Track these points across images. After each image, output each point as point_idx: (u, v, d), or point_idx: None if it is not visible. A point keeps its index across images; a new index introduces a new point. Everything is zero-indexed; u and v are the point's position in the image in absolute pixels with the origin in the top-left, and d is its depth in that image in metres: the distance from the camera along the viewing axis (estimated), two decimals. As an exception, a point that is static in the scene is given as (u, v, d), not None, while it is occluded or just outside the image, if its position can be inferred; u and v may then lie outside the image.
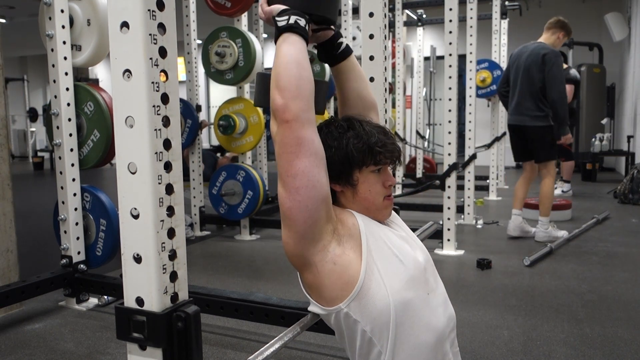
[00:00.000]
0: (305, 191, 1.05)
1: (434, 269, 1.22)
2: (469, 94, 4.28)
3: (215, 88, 13.13)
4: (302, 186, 1.05)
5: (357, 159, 1.14)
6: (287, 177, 1.05)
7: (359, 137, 1.15)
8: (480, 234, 4.17)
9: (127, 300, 0.95)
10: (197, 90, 4.13)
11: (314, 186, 1.05)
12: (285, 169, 1.05)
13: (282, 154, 1.05)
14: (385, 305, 1.08)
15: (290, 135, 1.04)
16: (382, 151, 1.15)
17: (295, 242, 1.09)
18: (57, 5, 2.32)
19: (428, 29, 8.79)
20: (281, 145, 1.05)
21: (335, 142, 1.15)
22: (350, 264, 1.09)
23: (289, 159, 1.05)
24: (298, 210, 1.06)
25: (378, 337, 1.09)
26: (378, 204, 1.19)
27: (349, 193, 1.18)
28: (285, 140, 1.04)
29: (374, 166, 1.16)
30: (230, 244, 3.97)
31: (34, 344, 2.13)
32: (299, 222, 1.07)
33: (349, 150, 1.14)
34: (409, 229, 1.29)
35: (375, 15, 1.68)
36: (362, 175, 1.16)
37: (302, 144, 1.04)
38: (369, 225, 1.15)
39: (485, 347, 2.05)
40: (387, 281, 1.09)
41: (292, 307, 1.93)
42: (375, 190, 1.17)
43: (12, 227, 2.49)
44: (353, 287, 1.09)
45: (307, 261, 1.11)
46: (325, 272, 1.10)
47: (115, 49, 0.90)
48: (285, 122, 1.04)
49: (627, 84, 8.04)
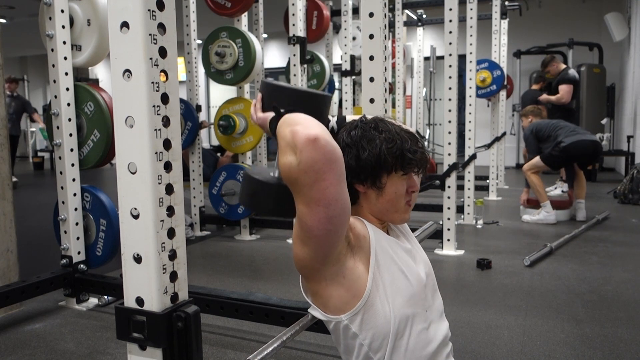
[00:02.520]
0: (339, 219, 1.00)
1: (434, 282, 1.22)
2: (469, 94, 4.28)
3: (215, 88, 13.12)
4: (336, 215, 0.98)
5: (389, 163, 1.11)
6: (317, 206, 0.97)
7: (393, 141, 1.12)
8: (480, 234, 4.17)
9: (127, 300, 0.95)
10: (197, 90, 4.13)
11: (346, 212, 1.01)
12: (316, 198, 0.96)
13: (313, 183, 0.95)
14: (386, 321, 1.08)
15: (318, 155, 0.93)
16: (414, 158, 1.13)
17: (314, 260, 1.06)
18: (57, 5, 2.32)
19: (428, 29, 8.78)
20: (308, 172, 0.94)
21: (369, 144, 1.12)
22: (359, 278, 1.08)
23: (322, 186, 0.95)
24: (327, 237, 1.01)
25: (375, 351, 1.09)
26: (399, 208, 1.17)
27: (373, 195, 1.16)
28: (314, 164, 0.93)
29: (402, 171, 1.14)
30: (230, 244, 3.97)
31: (34, 344, 2.13)
32: (327, 246, 1.03)
33: (381, 154, 1.11)
34: (413, 237, 1.28)
35: (375, 15, 1.68)
36: (390, 179, 1.13)
37: (333, 161, 0.94)
38: (379, 238, 1.14)
39: (485, 347, 2.05)
40: (390, 297, 1.08)
41: (292, 307, 1.94)
42: (400, 194, 1.15)
43: (12, 227, 2.49)
44: (358, 301, 1.08)
45: (318, 274, 1.09)
46: (334, 285, 1.09)
47: (115, 49, 0.90)
48: (311, 141, 0.92)
49: (627, 84, 8.04)
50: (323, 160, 0.93)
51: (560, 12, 9.50)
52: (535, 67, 8.99)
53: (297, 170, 0.95)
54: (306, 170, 0.94)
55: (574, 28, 9.12)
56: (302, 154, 0.94)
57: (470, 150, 4.46)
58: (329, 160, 0.94)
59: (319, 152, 0.93)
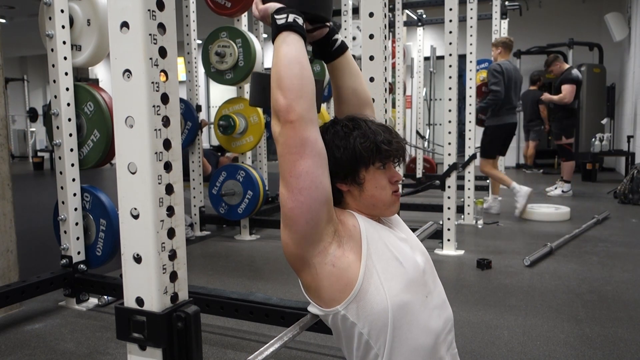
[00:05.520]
0: (308, 192, 1.04)
1: (434, 270, 1.22)
2: (469, 94, 4.28)
3: (216, 88, 13.12)
4: (305, 187, 1.04)
5: (365, 157, 1.14)
6: (290, 177, 1.05)
7: (365, 136, 1.15)
8: (480, 234, 4.17)
9: (127, 300, 0.95)
10: (197, 90, 4.13)
11: (317, 187, 1.05)
12: (289, 170, 1.05)
13: (286, 155, 1.05)
14: (383, 308, 1.08)
15: (294, 136, 1.03)
16: (388, 148, 1.16)
17: (296, 242, 1.09)
18: (57, 5, 2.32)
19: (428, 29, 8.78)
20: (284, 146, 1.05)
21: (343, 141, 1.15)
22: (349, 266, 1.09)
23: (293, 159, 1.04)
24: (300, 210, 1.05)
25: (375, 339, 1.09)
26: (386, 200, 1.19)
27: (356, 192, 1.18)
28: (289, 141, 1.04)
29: (380, 163, 1.16)
30: (230, 244, 3.97)
31: (34, 344, 2.13)
32: (301, 222, 1.07)
33: (356, 149, 1.14)
34: (409, 230, 1.29)
35: (375, 15, 1.68)
36: (368, 173, 1.16)
37: (306, 144, 1.04)
38: (370, 226, 1.15)
39: (485, 347, 2.05)
40: (385, 284, 1.09)
41: (292, 307, 1.93)
42: (382, 187, 1.17)
43: (12, 227, 2.49)
44: (351, 289, 1.08)
45: (306, 262, 1.11)
46: (324, 274, 1.10)
47: (115, 49, 0.90)
48: (289, 123, 1.03)
49: (627, 84, 8.04)
50: (295, 138, 1.04)
51: (560, 12, 9.50)
52: (535, 67, 9.00)
53: (277, 139, 1.07)
54: (282, 143, 1.05)
55: (574, 28, 9.12)
56: (281, 129, 1.05)
57: (470, 150, 4.46)
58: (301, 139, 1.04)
59: (293, 132, 1.04)
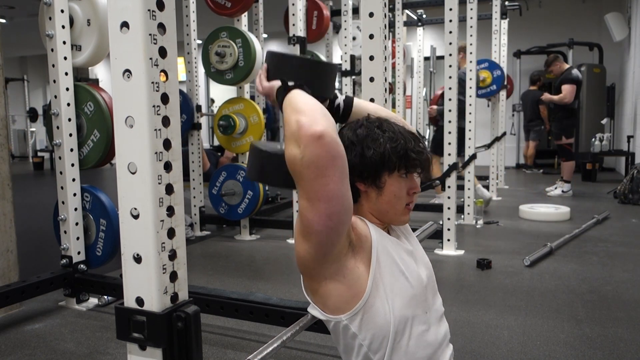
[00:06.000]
0: (338, 216, 1.00)
1: (435, 284, 1.22)
2: (469, 94, 4.28)
3: (216, 88, 13.12)
4: (336, 212, 0.99)
5: (392, 162, 1.11)
6: (319, 202, 0.98)
7: (397, 140, 1.12)
8: (480, 234, 4.17)
9: (127, 300, 0.95)
10: (197, 90, 4.13)
11: (346, 210, 1.01)
12: (317, 193, 0.97)
13: (316, 179, 0.95)
14: (386, 322, 1.07)
15: (322, 152, 0.94)
16: (417, 158, 1.13)
17: (314, 257, 1.06)
18: (57, 5, 2.32)
19: (428, 29, 8.78)
20: (313, 168, 0.95)
21: (374, 142, 1.12)
22: (359, 278, 1.08)
23: (324, 182, 0.95)
24: (327, 234, 1.01)
25: (374, 352, 1.09)
26: (398, 210, 1.16)
27: (373, 194, 1.15)
28: (320, 161, 0.94)
29: (405, 170, 1.13)
30: (230, 244, 3.97)
31: (34, 344, 2.13)
32: (326, 243, 1.03)
33: (386, 152, 1.11)
34: (415, 238, 1.28)
35: (375, 15, 1.68)
36: (390, 178, 1.13)
37: (337, 159, 0.95)
38: (380, 238, 1.13)
39: (485, 347, 2.05)
40: (390, 298, 1.08)
41: (292, 307, 1.93)
42: (399, 196, 1.15)
43: (12, 227, 2.49)
44: (358, 301, 1.08)
45: (318, 272, 1.09)
46: (334, 284, 1.08)
47: (115, 49, 0.90)
48: (316, 139, 0.93)
49: (627, 84, 8.04)
50: (326, 157, 0.94)
51: (560, 12, 9.50)
52: (535, 67, 9.00)
53: (300, 164, 0.96)
54: (309, 165, 0.95)
55: (574, 28, 9.12)
56: (306, 149, 0.94)
57: (470, 150, 4.46)
58: (332, 157, 0.95)
59: (322, 149, 0.94)
